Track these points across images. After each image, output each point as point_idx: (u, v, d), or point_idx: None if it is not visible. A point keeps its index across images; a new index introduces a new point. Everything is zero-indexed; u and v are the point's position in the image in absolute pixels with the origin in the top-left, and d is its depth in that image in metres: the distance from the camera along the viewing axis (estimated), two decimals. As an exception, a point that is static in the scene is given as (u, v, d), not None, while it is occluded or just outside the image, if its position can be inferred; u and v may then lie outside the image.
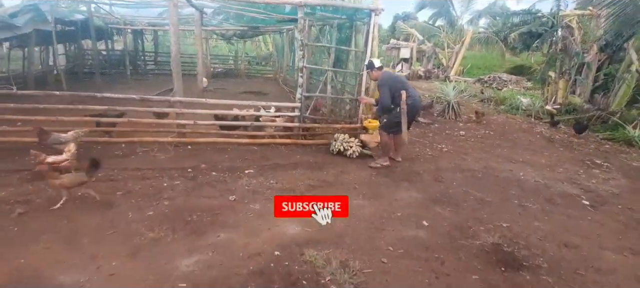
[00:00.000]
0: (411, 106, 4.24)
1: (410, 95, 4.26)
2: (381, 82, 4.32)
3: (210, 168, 3.98)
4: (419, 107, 4.43)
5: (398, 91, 4.22)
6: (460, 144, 6.01)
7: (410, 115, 4.30)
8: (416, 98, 4.35)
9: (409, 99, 4.22)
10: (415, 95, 4.36)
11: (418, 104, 4.39)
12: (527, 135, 7.09)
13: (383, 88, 4.28)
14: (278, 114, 5.13)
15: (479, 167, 4.80)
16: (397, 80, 4.42)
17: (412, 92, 4.34)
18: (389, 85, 4.25)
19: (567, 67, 10.24)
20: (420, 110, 4.52)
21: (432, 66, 18.31)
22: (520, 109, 9.68)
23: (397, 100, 4.23)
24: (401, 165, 4.64)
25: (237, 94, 9.94)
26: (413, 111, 4.34)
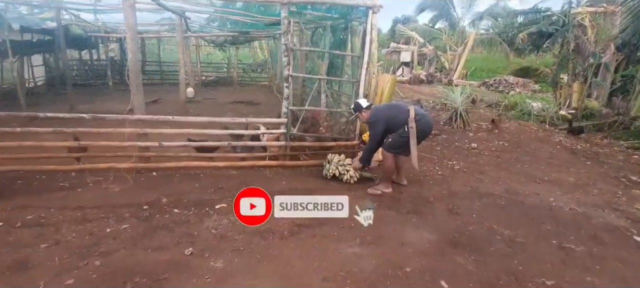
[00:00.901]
0: (421, 126, 3.56)
1: (419, 113, 3.59)
2: (372, 119, 3.65)
3: (172, 203, 3.23)
4: (429, 129, 3.74)
5: (398, 117, 3.58)
6: (474, 160, 5.25)
7: (420, 136, 3.62)
8: (427, 117, 3.68)
9: (418, 117, 3.54)
10: (425, 114, 3.70)
11: (429, 124, 3.70)
12: (545, 145, 6.33)
13: (375, 125, 3.62)
14: (263, 132, 4.39)
15: (500, 190, 4.04)
16: (392, 107, 3.79)
17: (421, 111, 3.67)
18: (384, 118, 3.60)
19: (580, 69, 9.51)
20: (431, 132, 3.83)
21: (434, 70, 17.61)
22: (532, 115, 8.93)
23: (400, 122, 3.57)
24: (407, 190, 3.89)
25: (226, 104, 9.25)
26: (423, 134, 3.65)
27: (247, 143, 4.22)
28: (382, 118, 3.60)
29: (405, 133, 3.52)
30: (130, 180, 3.64)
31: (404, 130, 3.53)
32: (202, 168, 4.01)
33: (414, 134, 3.48)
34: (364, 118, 3.77)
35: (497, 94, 13.78)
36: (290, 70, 3.92)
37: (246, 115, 7.87)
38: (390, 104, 3.95)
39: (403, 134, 3.54)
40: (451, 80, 15.84)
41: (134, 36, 3.59)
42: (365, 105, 3.73)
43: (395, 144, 3.61)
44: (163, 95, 9.94)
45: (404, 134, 3.53)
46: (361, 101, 3.78)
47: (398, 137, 3.57)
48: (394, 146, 3.63)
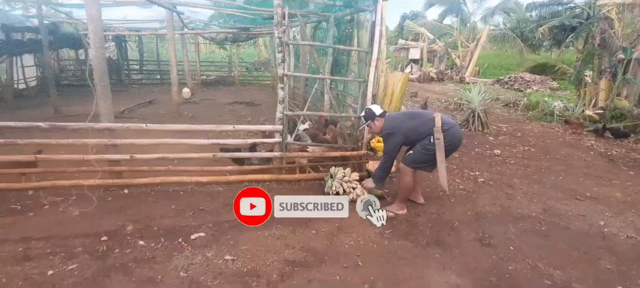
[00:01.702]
0: (450, 138, 2.90)
1: (447, 123, 2.94)
2: (388, 130, 3.01)
3: (139, 232, 2.65)
4: (459, 141, 3.03)
5: (419, 128, 2.94)
6: (499, 169, 4.58)
7: (449, 149, 2.95)
8: (455, 127, 3.00)
9: (446, 127, 2.90)
10: (454, 124, 3.02)
11: (459, 135, 3.01)
12: (577, 151, 5.61)
13: (392, 138, 3.00)
14: (258, 141, 3.79)
15: (537, 210, 3.37)
16: (413, 116, 3.07)
17: (448, 120, 2.99)
18: (404, 131, 2.97)
19: (607, 65, 8.71)
20: (460, 144, 3.11)
21: (445, 67, 16.83)
22: (555, 115, 8.17)
23: (422, 134, 2.94)
24: (424, 210, 3.25)
25: (225, 105, 8.69)
26: (452, 146, 2.98)
27: (241, 154, 3.61)
28: (401, 130, 2.96)
29: (430, 146, 2.88)
30: (95, 201, 3.07)
31: (429, 142, 2.89)
32: (182, 184, 3.42)
33: (442, 146, 2.83)
34: (377, 128, 3.13)
35: (513, 92, 13.00)
36: (286, 68, 3.30)
37: (245, 117, 7.30)
38: (410, 113, 3.23)
39: (428, 147, 2.89)
40: (463, 77, 15.08)
41: (97, 29, 3.01)
42: (378, 112, 3.08)
43: (419, 157, 2.96)
44: (160, 96, 9.44)
45: (429, 147, 2.89)
46: (374, 108, 3.12)
47: (422, 149, 2.93)
48: (417, 160, 2.98)
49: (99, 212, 2.92)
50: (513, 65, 18.84)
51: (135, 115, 6.92)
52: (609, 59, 8.65)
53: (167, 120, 6.64)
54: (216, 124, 6.51)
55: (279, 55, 3.24)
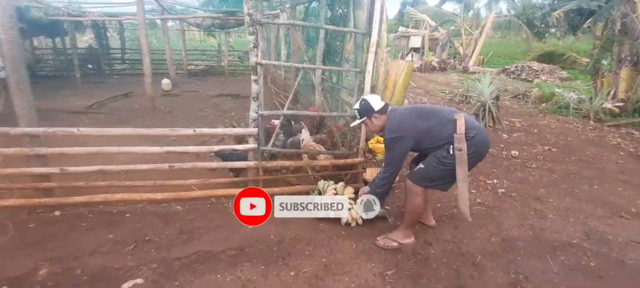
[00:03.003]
0: (476, 147, 2.15)
1: (472, 126, 2.18)
2: (393, 132, 2.24)
3: (53, 279, 1.95)
4: (486, 151, 2.28)
5: (434, 131, 2.19)
6: (520, 176, 3.88)
7: (473, 162, 2.20)
8: (482, 133, 2.21)
9: (472, 133, 2.14)
10: (480, 128, 2.24)
11: (486, 143, 2.24)
12: (604, 151, 4.91)
13: (398, 143, 2.23)
14: (239, 148, 3.07)
15: (577, 234, 2.68)
16: (427, 114, 2.28)
17: (473, 122, 2.23)
18: (414, 132, 2.21)
19: (627, 53, 7.96)
20: (486, 154, 2.32)
21: (447, 56, 16.02)
22: (570, 108, 7.45)
23: (438, 139, 2.19)
24: (437, 237, 2.56)
25: (209, 97, 7.93)
26: (477, 158, 2.23)
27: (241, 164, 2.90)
28: (410, 131, 2.21)
29: (449, 158, 2.16)
30: (12, 229, 2.36)
31: (447, 154, 2.16)
32: (130, 203, 2.71)
33: (465, 160, 2.11)
34: (375, 127, 2.40)
35: (520, 82, 12.24)
36: (259, 55, 2.56)
37: (228, 111, 6.55)
38: (422, 108, 2.42)
39: (446, 160, 2.17)
40: (466, 67, 14.29)
41: (5, 4, 2.25)
42: (377, 106, 2.33)
43: (433, 173, 2.23)
44: (139, 88, 8.64)
45: (446, 160, 2.17)
46: (372, 99, 2.35)
47: (437, 163, 2.19)
48: (430, 177, 2.25)
49: (11, 247, 2.22)
50: (518, 54, 18.04)
51: (105, 110, 6.17)
52: (631, 46, 7.89)
53: (140, 114, 5.91)
54: (195, 119, 5.82)
55: (250, 38, 2.49)
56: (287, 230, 2.54)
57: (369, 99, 2.37)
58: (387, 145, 2.31)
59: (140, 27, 5.60)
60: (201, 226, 2.52)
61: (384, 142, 2.35)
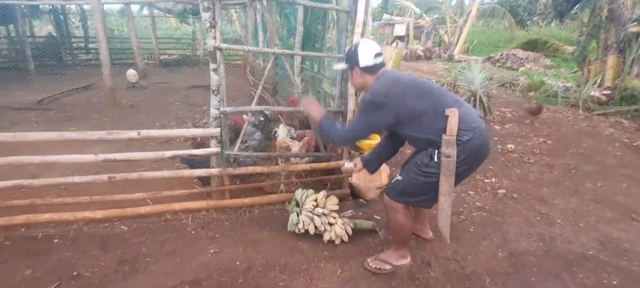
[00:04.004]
0: (473, 150, 1.69)
1: (471, 121, 1.69)
2: (376, 97, 1.72)
3: None
4: (486, 155, 1.80)
5: (424, 119, 1.70)
6: (519, 172, 3.56)
7: (468, 169, 1.76)
8: (483, 134, 1.72)
9: (470, 133, 1.66)
10: (480, 126, 1.71)
11: (487, 146, 1.77)
12: (599, 142, 4.67)
13: (377, 112, 1.73)
14: (197, 153, 2.57)
15: (591, 242, 2.35)
16: (423, 91, 1.73)
17: (473, 117, 1.72)
18: (400, 108, 1.70)
19: (613, 40, 7.83)
20: (486, 157, 1.82)
21: (432, 44, 15.74)
22: (559, 96, 7.27)
23: (430, 129, 1.70)
24: (436, 253, 2.17)
25: (180, 90, 7.30)
26: (475, 163, 1.78)
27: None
28: (396, 105, 1.69)
29: (432, 166, 1.71)
30: None
31: (430, 160, 1.72)
32: (63, 224, 2.18)
33: (452, 170, 1.66)
34: (356, 83, 1.88)
35: (505, 70, 12.08)
36: (218, 37, 2.05)
37: (199, 105, 5.97)
38: (422, 84, 1.77)
39: (428, 168, 1.72)
40: (452, 55, 14.05)
41: None
42: (365, 62, 1.75)
43: (412, 187, 1.79)
44: (102, 80, 7.87)
45: (429, 168, 1.72)
46: (363, 49, 1.76)
47: (417, 173, 1.76)
48: (408, 192, 1.81)
49: None
50: (502, 42, 17.97)
51: (57, 106, 5.46)
52: (617, 32, 7.75)
53: (98, 110, 5.25)
54: (160, 114, 5.20)
55: (205, 16, 1.97)
56: (257, 252, 2.08)
57: (360, 48, 1.77)
58: (363, 106, 1.77)
59: (95, 12, 4.91)
60: (149, 252, 2.03)
61: (361, 104, 1.80)
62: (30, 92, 6.39)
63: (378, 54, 1.77)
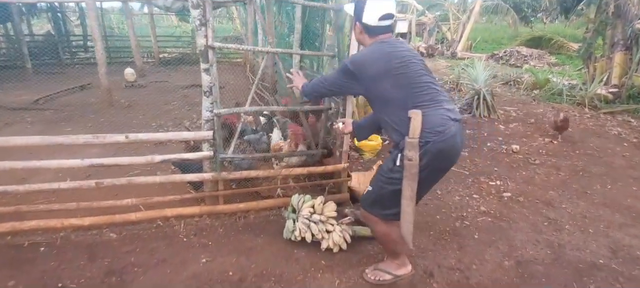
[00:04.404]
0: (431, 160, 1.55)
1: (432, 130, 1.53)
2: (352, 62, 1.67)
3: None
4: (448, 162, 1.65)
5: (389, 107, 1.63)
6: (524, 174, 3.44)
7: (437, 171, 1.65)
8: (455, 134, 1.56)
9: (430, 137, 1.53)
10: (444, 130, 1.54)
11: (451, 152, 1.60)
12: (607, 142, 4.55)
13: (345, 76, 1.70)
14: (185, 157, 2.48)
15: (602, 250, 2.25)
16: (400, 81, 1.58)
17: (436, 118, 1.55)
18: (368, 85, 1.65)
19: (620, 36, 7.66)
20: (456, 160, 1.67)
21: (435, 41, 15.57)
22: (564, 95, 7.12)
23: (394, 119, 1.62)
24: (439, 262, 2.07)
25: (178, 89, 7.22)
26: (433, 171, 1.61)
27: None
28: (366, 81, 1.63)
29: (396, 171, 1.61)
30: None
31: (394, 165, 1.61)
32: (50, 231, 2.09)
33: (414, 174, 1.54)
34: (358, 39, 1.80)
35: (509, 68, 11.91)
36: (210, 35, 1.95)
37: (198, 104, 5.86)
38: (406, 76, 1.58)
39: (393, 174, 1.62)
40: (455, 52, 13.88)
41: None
42: (369, 20, 1.64)
43: (381, 197, 1.69)
44: (99, 79, 7.79)
45: (394, 174, 1.62)
46: (373, 7, 1.62)
47: (384, 180, 1.67)
48: (380, 202, 1.70)
49: None
50: (505, 39, 17.76)
51: (54, 105, 5.38)
52: (624, 29, 7.59)
53: (95, 110, 5.17)
54: (158, 114, 5.11)
55: (194, 13, 1.87)
56: (252, 262, 1.99)
57: (368, 3, 1.63)
58: (339, 67, 1.82)
59: (89, 10, 4.82)
60: (138, 262, 1.94)
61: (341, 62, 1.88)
62: (27, 91, 6.32)
63: (386, 16, 1.63)
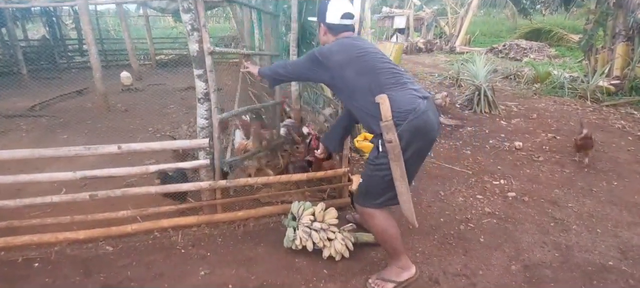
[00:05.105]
0: (410, 137, 1.58)
1: (410, 107, 1.58)
2: (321, 52, 1.71)
3: None
4: (428, 136, 1.64)
5: (356, 94, 1.68)
6: (528, 172, 3.38)
7: (420, 148, 1.64)
8: (427, 110, 1.60)
9: (405, 116, 1.57)
10: (422, 103, 1.60)
11: (426, 126, 1.61)
12: (611, 137, 4.48)
13: (312, 64, 1.74)
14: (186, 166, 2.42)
15: (610, 250, 2.19)
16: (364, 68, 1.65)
17: (410, 93, 1.62)
18: (335, 73, 1.69)
19: (621, 27, 7.57)
20: (436, 136, 1.71)
21: (433, 36, 15.46)
22: (566, 88, 7.04)
23: (364, 107, 1.67)
24: (444, 269, 2.01)
25: (176, 91, 7.14)
26: (416, 148, 1.62)
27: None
28: (334, 69, 1.67)
29: (381, 157, 1.64)
30: None
31: (378, 152, 1.65)
32: (44, 246, 2.03)
33: (398, 153, 1.56)
34: (323, 41, 1.86)
35: (508, 61, 11.82)
36: (206, 40, 1.88)
37: (196, 108, 5.82)
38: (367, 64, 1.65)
39: (378, 160, 1.66)
40: (453, 47, 13.79)
41: None
42: (332, 19, 1.76)
43: (372, 186, 1.72)
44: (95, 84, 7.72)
45: (379, 160, 1.65)
46: (334, 7, 1.75)
47: (372, 169, 1.70)
48: (372, 192, 1.72)
49: None
50: (504, 32, 17.65)
51: (50, 112, 5.31)
52: (625, 19, 7.50)
53: (91, 115, 5.10)
54: (156, 118, 5.06)
55: (186, 18, 1.80)
56: (251, 273, 1.93)
57: (330, 3, 1.76)
58: (307, 54, 1.80)
59: (82, 14, 4.74)
60: (135, 276, 1.88)
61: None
62: (23, 97, 6.25)
63: (347, 15, 1.75)
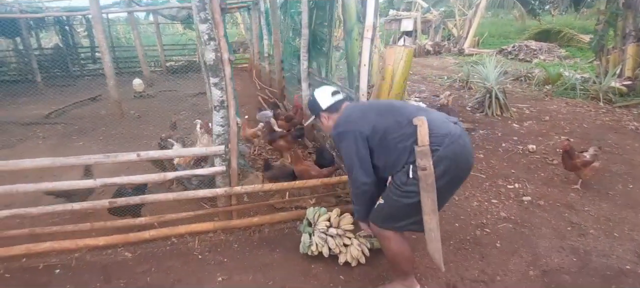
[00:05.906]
0: (449, 164, 1.50)
1: (443, 133, 1.52)
2: (338, 129, 1.70)
3: None
4: (467, 165, 1.59)
5: (394, 134, 1.57)
6: (543, 176, 3.34)
7: (451, 180, 1.56)
8: (460, 137, 1.54)
9: (440, 142, 1.50)
10: (456, 129, 1.56)
11: (466, 154, 1.55)
12: (625, 138, 4.40)
13: (344, 141, 1.65)
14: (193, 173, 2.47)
15: (628, 255, 2.17)
16: (386, 110, 1.67)
17: (444, 123, 1.57)
18: (362, 127, 1.62)
19: (632, 28, 7.44)
20: (470, 169, 1.63)
21: (441, 38, 15.39)
22: (578, 89, 6.94)
23: (398, 148, 1.57)
24: (462, 275, 2.01)
25: (187, 97, 7.24)
26: (455, 178, 1.57)
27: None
28: (360, 125, 1.62)
29: (410, 184, 1.54)
30: None
31: (407, 178, 1.54)
32: (64, 253, 2.08)
33: (431, 183, 1.48)
34: (328, 128, 1.85)
35: (518, 63, 11.70)
36: (224, 47, 1.92)
37: (208, 113, 5.87)
38: (380, 102, 1.88)
39: (407, 187, 1.55)
40: (462, 49, 13.71)
41: None
42: (326, 103, 1.79)
43: (395, 210, 1.62)
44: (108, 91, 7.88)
45: (408, 187, 1.54)
46: (320, 94, 1.83)
47: (397, 194, 1.58)
48: (393, 216, 1.63)
49: None
50: (513, 33, 17.48)
51: (65, 119, 5.43)
52: (635, 20, 7.38)
53: (106, 122, 5.21)
54: (169, 125, 5.17)
55: (202, 28, 1.84)
56: (268, 278, 1.95)
57: (317, 94, 1.86)
58: (336, 145, 1.85)
59: (95, 23, 4.86)
60: (154, 282, 1.91)
61: (339, 147, 1.73)
62: (38, 105, 6.40)
63: (335, 92, 1.84)
